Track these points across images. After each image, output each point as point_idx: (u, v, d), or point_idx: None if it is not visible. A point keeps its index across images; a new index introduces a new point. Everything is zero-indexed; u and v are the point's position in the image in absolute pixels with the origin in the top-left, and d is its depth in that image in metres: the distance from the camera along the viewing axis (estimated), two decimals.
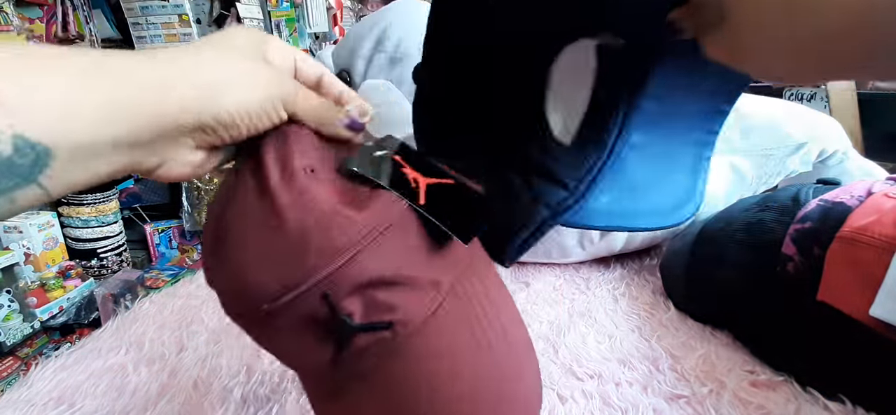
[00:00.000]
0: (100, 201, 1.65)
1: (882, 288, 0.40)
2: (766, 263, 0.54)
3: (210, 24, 1.85)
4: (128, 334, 0.69)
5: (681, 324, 0.64)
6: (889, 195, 0.48)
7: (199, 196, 1.81)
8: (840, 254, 0.46)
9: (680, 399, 0.50)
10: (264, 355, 0.62)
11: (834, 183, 0.61)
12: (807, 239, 0.51)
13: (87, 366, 0.60)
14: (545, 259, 0.87)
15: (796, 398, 0.47)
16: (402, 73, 0.79)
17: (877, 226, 0.44)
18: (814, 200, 0.54)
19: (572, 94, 0.40)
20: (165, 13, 1.80)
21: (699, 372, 0.53)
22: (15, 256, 1.42)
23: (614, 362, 0.57)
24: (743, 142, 0.78)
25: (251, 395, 0.54)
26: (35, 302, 1.40)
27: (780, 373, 0.50)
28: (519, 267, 0.91)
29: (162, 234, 1.99)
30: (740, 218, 0.62)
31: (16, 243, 1.44)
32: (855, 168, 0.80)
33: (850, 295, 0.44)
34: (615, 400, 0.50)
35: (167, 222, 1.99)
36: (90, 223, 1.63)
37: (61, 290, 1.47)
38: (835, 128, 0.82)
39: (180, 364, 0.60)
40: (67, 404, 0.53)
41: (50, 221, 1.53)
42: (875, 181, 0.56)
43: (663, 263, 0.76)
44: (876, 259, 0.42)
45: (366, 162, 0.31)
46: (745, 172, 0.78)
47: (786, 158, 0.78)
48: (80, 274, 1.57)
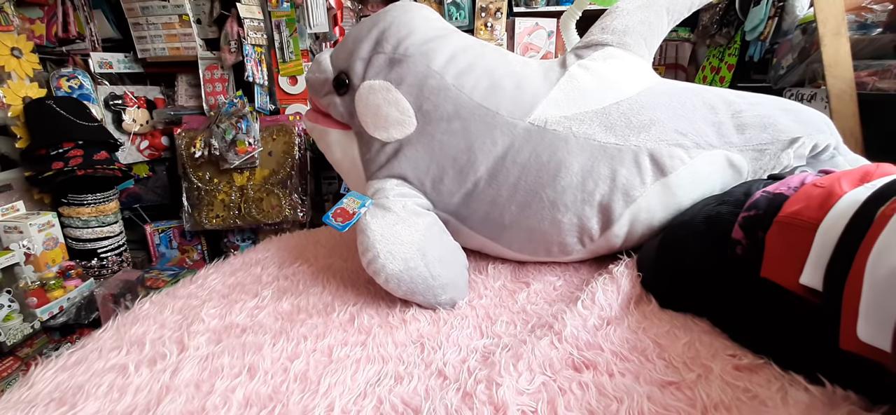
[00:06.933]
0: (100, 201, 1.65)
1: (808, 260, 0.47)
2: (722, 248, 0.61)
3: (210, 25, 1.85)
4: (128, 334, 0.69)
5: (663, 314, 0.66)
6: (817, 184, 0.55)
7: (199, 196, 1.81)
8: (777, 235, 0.53)
9: (671, 386, 0.51)
10: (266, 354, 0.62)
11: (780, 178, 0.68)
12: (752, 225, 0.58)
13: (87, 366, 0.60)
14: (546, 258, 0.88)
15: (779, 379, 0.49)
16: (402, 74, 0.80)
17: (806, 210, 0.51)
18: (759, 191, 0.61)
19: None
20: (166, 13, 1.80)
21: (686, 359, 0.55)
22: (15, 256, 1.42)
23: (608, 353, 0.58)
24: (738, 137, 0.79)
25: (253, 394, 0.54)
26: (35, 302, 1.40)
27: (761, 356, 0.53)
28: (519, 267, 0.91)
29: (162, 234, 1.99)
30: (702, 212, 0.70)
31: (16, 243, 1.44)
32: (845, 162, 0.81)
33: (785, 269, 0.50)
34: (610, 390, 0.51)
35: (167, 222, 1.99)
36: (90, 223, 1.63)
37: (61, 290, 1.47)
38: (827, 123, 0.83)
39: (182, 364, 0.60)
40: (68, 404, 0.53)
41: (50, 221, 1.53)
42: (809, 173, 0.65)
43: (639, 257, 0.79)
44: (805, 237, 0.49)
45: None
46: (740, 166, 0.79)
47: (780, 152, 0.79)
48: (81, 274, 1.57)
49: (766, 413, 0.44)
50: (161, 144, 1.96)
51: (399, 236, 0.74)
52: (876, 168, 0.56)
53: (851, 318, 0.40)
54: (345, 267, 0.93)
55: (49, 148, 1.52)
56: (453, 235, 0.84)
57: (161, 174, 2.01)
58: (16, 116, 1.54)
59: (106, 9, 1.87)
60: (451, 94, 0.79)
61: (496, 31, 1.99)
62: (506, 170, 0.79)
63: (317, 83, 0.90)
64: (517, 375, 0.54)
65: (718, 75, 1.74)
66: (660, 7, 0.89)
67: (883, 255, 0.39)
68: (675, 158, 0.77)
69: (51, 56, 1.76)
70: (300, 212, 1.84)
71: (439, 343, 0.64)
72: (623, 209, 0.78)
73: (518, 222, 0.81)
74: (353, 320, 0.72)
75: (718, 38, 1.75)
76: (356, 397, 0.53)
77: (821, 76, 1.23)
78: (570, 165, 0.76)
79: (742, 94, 0.84)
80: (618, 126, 0.77)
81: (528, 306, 0.75)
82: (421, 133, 0.80)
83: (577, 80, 0.82)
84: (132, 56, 1.89)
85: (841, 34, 1.16)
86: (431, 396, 0.53)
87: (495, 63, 0.84)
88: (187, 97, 1.96)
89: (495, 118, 0.78)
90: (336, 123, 0.89)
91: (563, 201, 0.78)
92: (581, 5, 1.10)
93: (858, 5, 1.22)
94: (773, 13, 1.44)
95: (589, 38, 0.89)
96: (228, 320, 0.72)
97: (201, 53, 1.86)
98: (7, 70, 1.51)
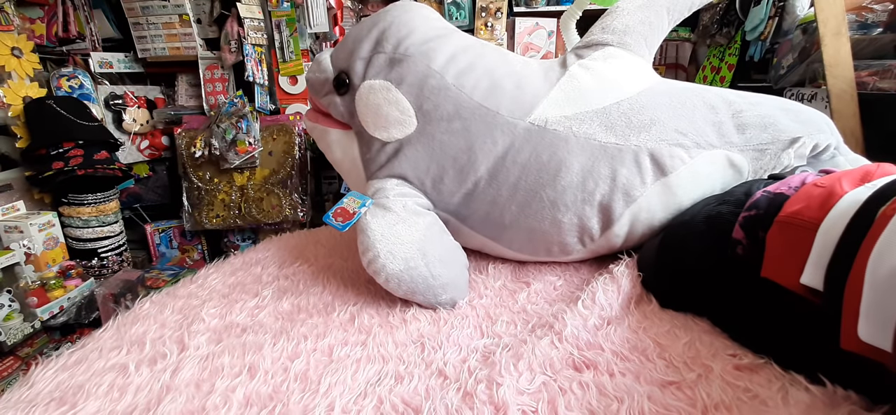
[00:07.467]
0: (100, 201, 1.65)
1: (809, 260, 0.47)
2: (722, 248, 0.61)
3: (210, 24, 1.85)
4: (129, 333, 0.69)
5: (663, 314, 0.66)
6: (818, 184, 0.55)
7: (199, 196, 1.81)
8: (777, 235, 0.53)
9: (671, 386, 0.51)
10: (267, 353, 0.62)
11: (781, 178, 0.68)
12: (752, 225, 0.58)
13: (88, 366, 0.60)
14: (546, 258, 0.88)
15: (779, 379, 0.49)
16: (402, 74, 0.80)
17: (806, 210, 0.51)
18: (759, 191, 0.61)
19: None
20: (166, 13, 1.80)
21: (686, 359, 0.55)
22: (16, 256, 1.42)
23: (608, 353, 0.58)
24: (739, 137, 0.79)
25: (253, 394, 0.54)
26: (35, 302, 1.40)
27: (761, 356, 0.53)
28: (520, 266, 0.91)
29: (162, 234, 1.99)
30: (702, 212, 0.70)
31: (16, 243, 1.44)
32: (846, 162, 0.81)
33: (786, 269, 0.50)
34: (611, 390, 0.51)
35: (167, 222, 1.99)
36: (91, 223, 1.63)
37: (62, 289, 1.47)
38: (827, 123, 0.83)
39: (182, 364, 0.60)
40: (69, 404, 0.53)
41: (50, 220, 1.53)
42: (810, 173, 0.65)
43: (639, 257, 0.79)
44: (805, 237, 0.48)
45: None
46: (741, 166, 0.79)
47: (780, 152, 0.79)
48: (81, 274, 1.57)
49: (766, 413, 0.44)
50: (161, 144, 1.96)
51: (399, 236, 0.74)
52: (876, 168, 0.56)
53: (852, 318, 0.40)
54: (345, 267, 0.93)
55: (49, 148, 1.52)
56: (453, 234, 0.84)
57: (161, 174, 2.01)
58: (16, 116, 1.54)
59: (106, 8, 1.87)
60: (452, 93, 0.79)
61: (496, 31, 1.99)
62: (506, 170, 0.78)
63: (317, 83, 0.90)
64: (518, 374, 0.54)
65: (719, 75, 1.73)
66: (660, 7, 0.89)
67: (884, 255, 0.39)
68: (676, 157, 0.77)
69: (51, 56, 1.76)
70: (300, 212, 1.84)
71: (440, 343, 0.64)
72: (623, 209, 0.78)
73: (518, 222, 0.81)
74: (354, 320, 0.72)
75: (719, 38, 1.75)
76: (356, 397, 0.53)
77: (821, 76, 1.23)
78: (571, 164, 0.76)
79: (742, 94, 0.84)
80: (618, 126, 0.77)
81: (528, 306, 0.75)
82: (421, 133, 0.80)
83: (577, 79, 0.82)
84: (132, 56, 1.89)
85: (841, 34, 1.16)
86: (432, 395, 0.53)
87: (495, 63, 0.84)
88: (187, 97, 1.96)
89: (495, 118, 0.78)
90: (336, 122, 0.89)
91: (563, 201, 0.78)
92: (581, 5, 1.10)
93: (859, 5, 1.22)
94: (773, 13, 1.44)
95: (589, 38, 0.89)
96: (229, 320, 0.72)
97: (201, 53, 1.86)
98: (7, 70, 1.51)
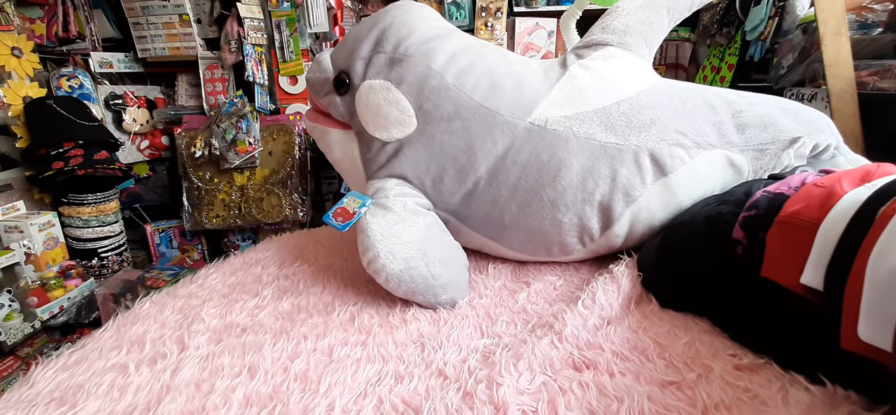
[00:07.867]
0: (100, 201, 1.65)
1: (809, 260, 0.47)
2: (722, 248, 0.61)
3: (210, 24, 1.84)
4: (129, 333, 0.69)
5: (663, 314, 0.66)
6: (818, 184, 0.55)
7: (199, 196, 1.81)
8: (777, 235, 0.53)
9: (671, 386, 0.51)
10: (267, 353, 0.62)
11: (781, 178, 0.68)
12: (752, 225, 0.58)
13: (88, 366, 0.60)
14: (546, 257, 0.88)
15: (779, 379, 0.49)
16: (402, 74, 0.80)
17: (806, 210, 0.51)
18: (759, 191, 0.61)
19: None
20: (166, 13, 1.80)
21: (686, 359, 0.55)
22: (15, 256, 1.42)
23: (608, 353, 0.58)
24: (739, 137, 0.79)
25: (254, 394, 0.54)
26: (36, 302, 1.40)
27: (761, 356, 0.53)
28: (520, 266, 0.91)
29: (162, 234, 1.99)
30: (702, 212, 0.70)
31: (16, 243, 1.44)
32: (846, 162, 0.81)
33: (786, 269, 0.50)
34: (611, 390, 0.51)
35: (167, 222, 1.99)
36: (91, 223, 1.63)
37: (62, 289, 1.47)
38: (827, 123, 0.83)
39: (182, 364, 0.60)
40: (69, 404, 0.53)
41: (50, 220, 1.53)
42: (810, 173, 0.65)
43: (639, 257, 0.79)
44: (805, 237, 0.48)
45: None
46: (741, 166, 0.79)
47: (780, 152, 0.79)
48: (81, 274, 1.57)
49: (766, 413, 0.44)
50: (161, 144, 1.96)
51: (399, 236, 0.74)
52: (876, 168, 0.56)
53: (852, 318, 0.40)
54: (345, 267, 0.93)
55: (49, 148, 1.52)
56: (453, 234, 0.84)
57: (161, 174, 2.01)
58: (16, 116, 1.54)
59: (106, 8, 1.87)
60: (452, 93, 0.79)
61: (496, 31, 1.99)
62: (506, 170, 0.78)
63: (317, 83, 0.90)
64: (518, 374, 0.54)
65: (719, 75, 1.73)
66: (660, 7, 0.89)
67: (884, 254, 0.39)
68: (676, 157, 0.77)
69: (51, 56, 1.76)
70: (300, 211, 1.84)
71: (440, 343, 0.64)
72: (623, 209, 0.78)
73: (518, 222, 0.81)
74: (354, 320, 0.72)
75: (719, 38, 1.75)
76: (356, 397, 0.53)
77: (821, 76, 1.23)
78: (571, 164, 0.76)
79: (742, 93, 0.84)
80: (618, 126, 0.77)
81: (528, 306, 0.75)
82: (421, 133, 0.80)
83: (577, 79, 0.82)
84: (132, 56, 1.89)
85: (841, 34, 1.16)
86: (432, 395, 0.53)
87: (496, 63, 0.84)
88: (187, 97, 1.96)
89: (496, 118, 0.78)
90: (336, 122, 0.89)
91: (563, 201, 0.78)
92: (581, 5, 1.10)
93: (859, 5, 1.22)
94: (773, 13, 1.44)
95: (589, 38, 0.89)
96: (229, 320, 0.72)
97: (201, 53, 1.86)
98: (7, 70, 1.51)
